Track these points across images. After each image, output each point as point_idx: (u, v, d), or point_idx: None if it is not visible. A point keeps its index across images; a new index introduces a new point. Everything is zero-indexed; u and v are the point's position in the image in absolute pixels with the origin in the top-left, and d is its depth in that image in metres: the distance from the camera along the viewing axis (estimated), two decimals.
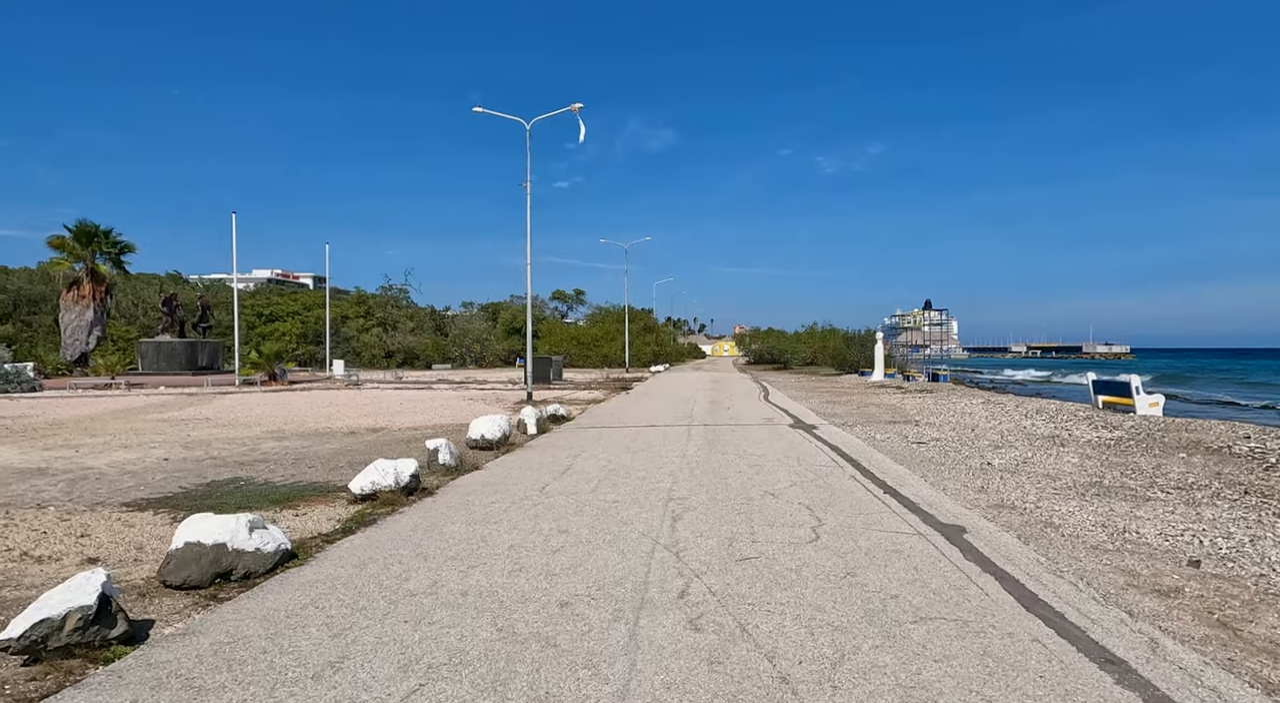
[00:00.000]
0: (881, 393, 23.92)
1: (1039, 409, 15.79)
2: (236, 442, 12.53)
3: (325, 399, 22.29)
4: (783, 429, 13.25)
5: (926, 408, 17.52)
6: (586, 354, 58.71)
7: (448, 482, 8.40)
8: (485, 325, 60.78)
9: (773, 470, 8.67)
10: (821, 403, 19.95)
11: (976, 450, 10.29)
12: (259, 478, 8.92)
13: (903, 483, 7.77)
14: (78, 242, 33.26)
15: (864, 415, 16.01)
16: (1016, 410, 16.20)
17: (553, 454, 10.47)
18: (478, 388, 28.32)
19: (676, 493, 7.39)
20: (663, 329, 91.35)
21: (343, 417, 16.94)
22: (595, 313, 77.43)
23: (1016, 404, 17.51)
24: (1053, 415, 14.46)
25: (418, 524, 6.21)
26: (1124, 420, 13.29)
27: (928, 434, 12.31)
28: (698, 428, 13.66)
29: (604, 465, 9.30)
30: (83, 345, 33.14)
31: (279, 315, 52.17)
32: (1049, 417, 14.28)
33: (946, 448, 10.58)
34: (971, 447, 10.67)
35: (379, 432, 14.04)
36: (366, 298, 59.26)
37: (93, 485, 8.53)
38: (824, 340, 53.64)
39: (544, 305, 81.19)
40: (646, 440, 11.81)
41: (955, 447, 10.72)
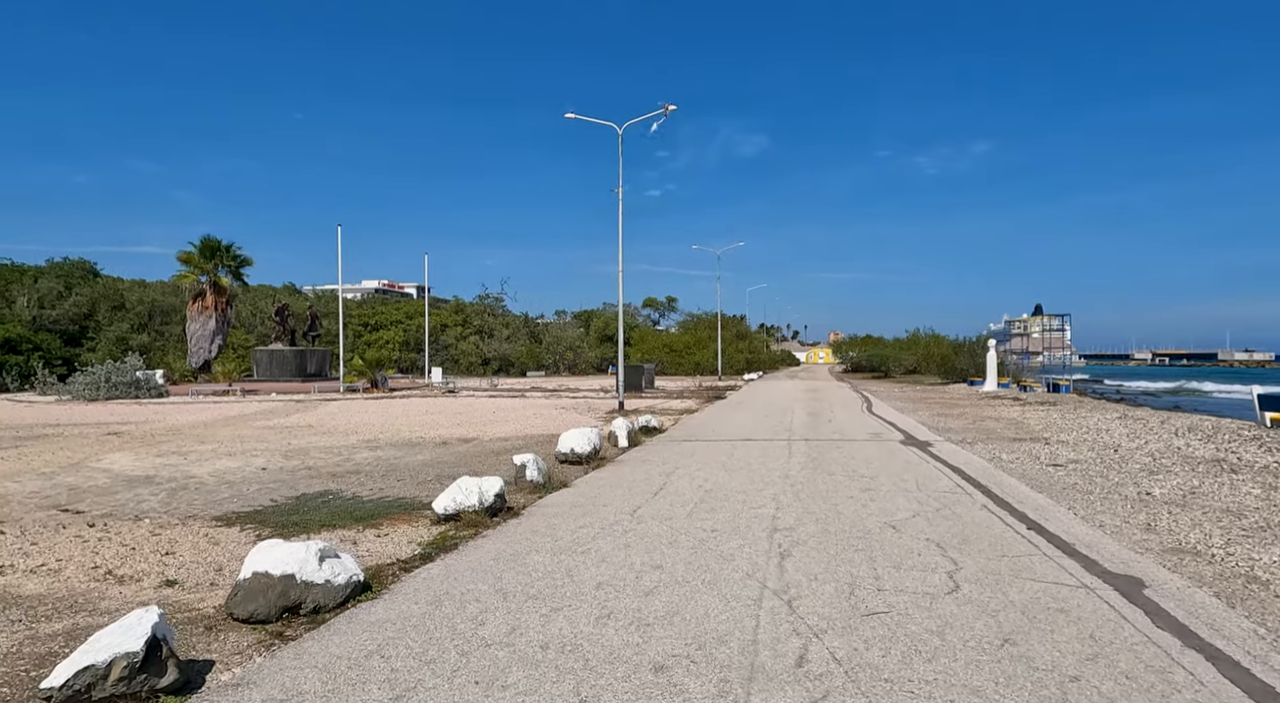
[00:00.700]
0: (998, 405, 22.13)
1: (1190, 426, 13.97)
2: (333, 451, 12.61)
3: (422, 407, 22.63)
4: (893, 446, 12.18)
5: (1053, 423, 15.90)
6: (678, 362, 58.16)
7: (535, 500, 7.95)
8: (578, 333, 61.27)
9: (889, 496, 7.75)
10: (932, 415, 18.54)
11: (1128, 476, 8.98)
12: (347, 492, 8.75)
13: (1047, 516, 6.71)
14: (202, 256, 35.48)
15: (983, 431, 14.64)
16: (1163, 427, 14.41)
17: (645, 471, 9.88)
18: (570, 396, 28.21)
19: (782, 521, 6.63)
20: (756, 336, 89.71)
21: (437, 425, 16.99)
22: (687, 320, 76.85)
23: (1161, 420, 15.63)
24: (1209, 434, 12.70)
25: (500, 552, 5.73)
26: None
27: (1063, 454, 10.98)
28: (799, 443, 12.77)
29: (700, 485, 8.63)
30: (206, 353, 35.28)
31: (383, 324, 54.28)
32: (1205, 436, 12.54)
33: (1089, 472, 9.30)
34: (1119, 471, 9.34)
35: (470, 442, 13.88)
36: (464, 307, 60.96)
37: (190, 496, 8.58)
38: (928, 347, 50.90)
39: (636, 313, 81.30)
40: (744, 457, 11.06)
41: (1099, 471, 9.42)
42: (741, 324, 79.53)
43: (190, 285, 36.37)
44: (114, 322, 42.18)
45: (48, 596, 4.96)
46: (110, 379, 25.07)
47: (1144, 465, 9.75)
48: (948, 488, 8.20)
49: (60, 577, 5.35)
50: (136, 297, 44.69)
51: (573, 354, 57.33)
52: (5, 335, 34.75)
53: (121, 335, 40.89)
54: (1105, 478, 8.86)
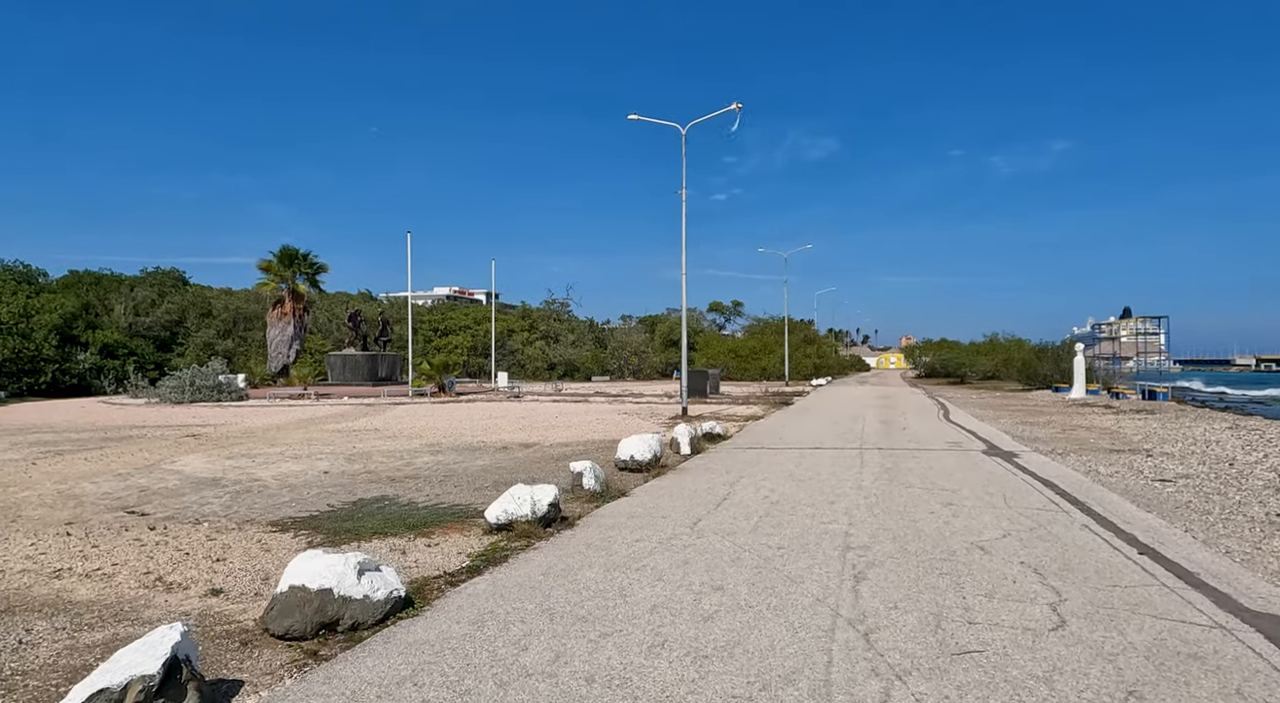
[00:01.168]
0: (1088, 413, 20.70)
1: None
2: (395, 455, 12.62)
3: (486, 411, 22.73)
4: (975, 456, 11.37)
5: (1154, 433, 14.65)
6: (744, 367, 57.27)
7: (591, 510, 7.62)
8: (643, 338, 61.12)
9: (974, 512, 7.09)
10: (1015, 424, 17.43)
11: (1250, 494, 8.03)
12: (403, 498, 8.62)
13: (1161, 539, 5.96)
14: (281, 264, 36.83)
15: (1074, 441, 13.58)
16: (1276, 436, 13.07)
17: (707, 480, 9.44)
18: (633, 401, 27.94)
19: (855, 539, 6.09)
20: (824, 341, 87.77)
21: (499, 430, 16.93)
22: (753, 325, 75.72)
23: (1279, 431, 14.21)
24: None
25: (550, 567, 5.40)
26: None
27: (1169, 468, 9.99)
28: (871, 452, 12.08)
29: (765, 497, 8.14)
30: (284, 358, 36.57)
31: (452, 329, 55.37)
32: None
33: (1203, 489, 8.37)
34: (1239, 489, 8.37)
35: (531, 448, 13.70)
36: (530, 312, 61.67)
37: (252, 499, 8.60)
38: (1008, 352, 48.58)
39: (701, 317, 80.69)
40: (813, 466, 10.48)
41: (1216, 487, 8.47)
42: (809, 328, 77.88)
43: (270, 293, 37.83)
44: (201, 328, 44.26)
45: (96, 602, 4.89)
46: (194, 383, 26.14)
47: (1268, 482, 8.73)
48: (1040, 504, 7.46)
49: (112, 583, 5.30)
50: (222, 304, 46.81)
51: (637, 359, 57.17)
52: (104, 341, 36.84)
53: (208, 341, 42.86)
54: (1224, 496, 7.94)
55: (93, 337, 36.57)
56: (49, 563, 5.80)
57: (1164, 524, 6.51)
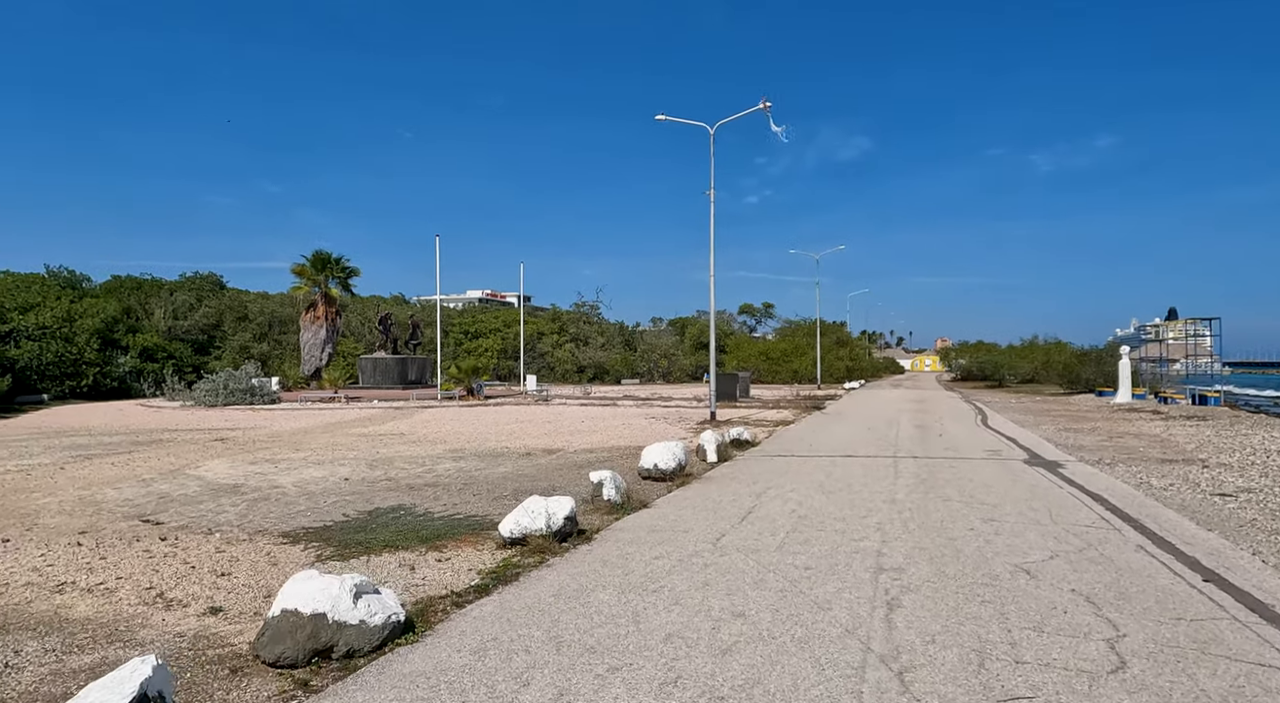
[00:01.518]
0: (1134, 419, 19.85)
1: None
2: (417, 461, 12.47)
3: (513, 415, 22.59)
4: (1016, 466, 10.84)
5: (1207, 441, 13.91)
6: (775, 370, 56.58)
7: (610, 522, 7.32)
8: (672, 340, 60.77)
9: (1017, 530, 6.64)
10: (1058, 430, 16.73)
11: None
12: (420, 507, 8.41)
13: (1227, 563, 5.47)
14: (314, 268, 37.26)
15: (1122, 449, 12.93)
16: None
17: (733, 490, 9.09)
18: (662, 405, 27.61)
19: (888, 560, 5.70)
20: (857, 343, 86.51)
21: (524, 435, 16.74)
22: (784, 327, 74.92)
23: None
24: None
25: (562, 587, 5.12)
26: None
27: (1229, 482, 9.37)
28: (906, 461, 11.60)
29: (793, 510, 7.76)
30: (317, 361, 36.97)
31: (482, 332, 55.63)
32: None
33: (1269, 505, 7.79)
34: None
35: (554, 454, 13.47)
36: (560, 315, 61.70)
37: (268, 508, 8.47)
38: (1048, 355, 47.23)
39: (731, 320, 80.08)
40: (844, 476, 10.06)
41: (1266, 503, 7.87)
42: (841, 331, 76.77)
43: (303, 296, 38.29)
44: (237, 331, 45.02)
45: (92, 620, 4.72)
46: (228, 386, 26.47)
47: None
48: (1090, 521, 6.98)
49: (113, 599, 5.14)
50: (258, 308, 47.58)
51: (667, 362, 56.82)
52: (143, 345, 37.62)
53: (244, 344, 43.56)
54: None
55: (133, 340, 37.36)
56: (54, 576, 5.68)
57: (1228, 546, 6.00)
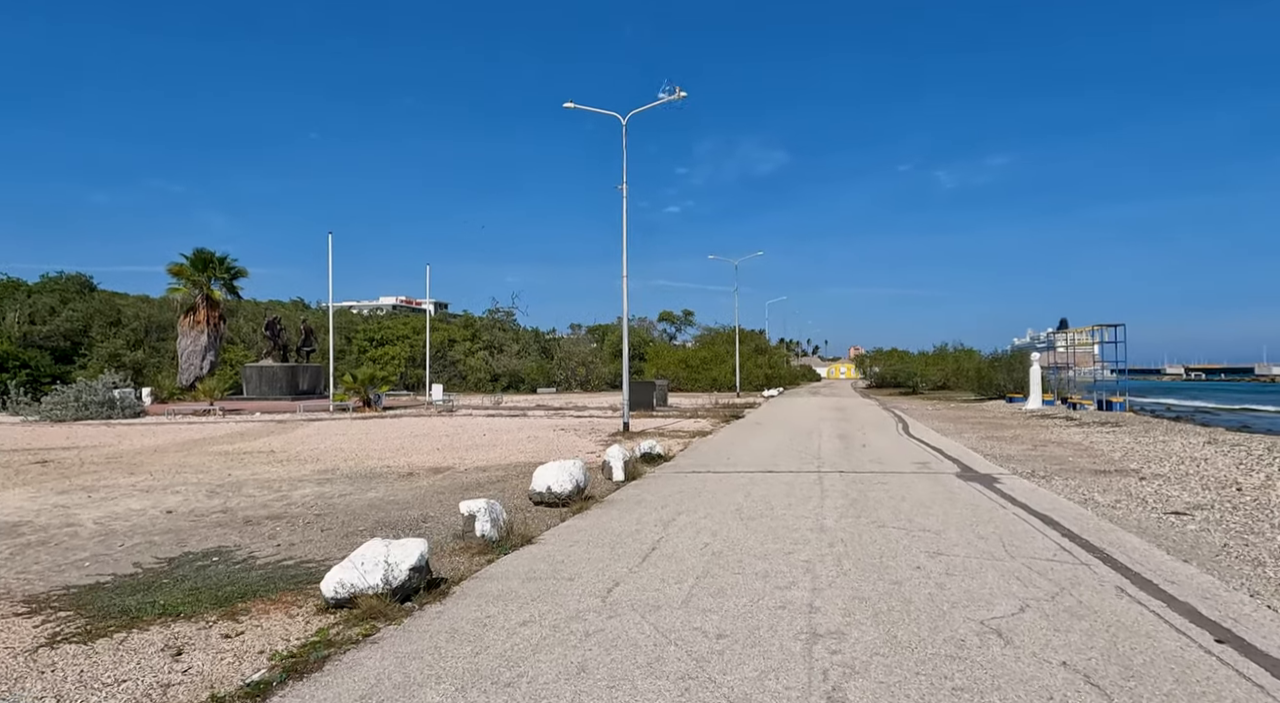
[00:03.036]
0: (1051, 426, 19.65)
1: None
2: (272, 486, 10.57)
3: (409, 428, 20.61)
4: (950, 482, 9.90)
5: (1131, 449, 13.48)
6: (694, 377, 55.90)
7: (480, 568, 5.82)
8: (591, 348, 59.32)
9: (971, 568, 5.51)
10: (981, 439, 16.17)
11: None
12: (244, 551, 6.66)
13: (1232, 613, 4.43)
14: (194, 268, 33.99)
15: (1051, 460, 12.27)
16: (1268, 454, 11.96)
17: (638, 518, 7.71)
18: (574, 415, 26.10)
19: (824, 619, 4.42)
20: (775, 351, 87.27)
21: (415, 451, 14.93)
22: (704, 334, 74.57)
23: (1266, 447, 13.13)
24: None
25: (378, 682, 3.59)
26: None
27: (1175, 497, 8.64)
28: (831, 476, 10.52)
29: (706, 544, 6.44)
30: (197, 370, 33.65)
31: (389, 339, 52.65)
32: None
33: (1229, 525, 6.98)
34: (1270, 523, 7.01)
35: (442, 473, 11.79)
36: (474, 321, 59.24)
37: (39, 555, 6.54)
38: (958, 362, 48.31)
39: (651, 327, 79.25)
40: (765, 497, 8.84)
41: (1242, 522, 7.09)
42: (761, 338, 77.11)
43: (182, 299, 34.89)
44: (108, 338, 40.76)
45: None
46: (80, 399, 23.34)
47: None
48: (1049, 552, 5.92)
49: None
50: (134, 312, 43.38)
51: (585, 370, 55.28)
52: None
53: (115, 352, 39.43)
54: (1261, 536, 6.54)
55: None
56: None
57: (1218, 585, 5.00)
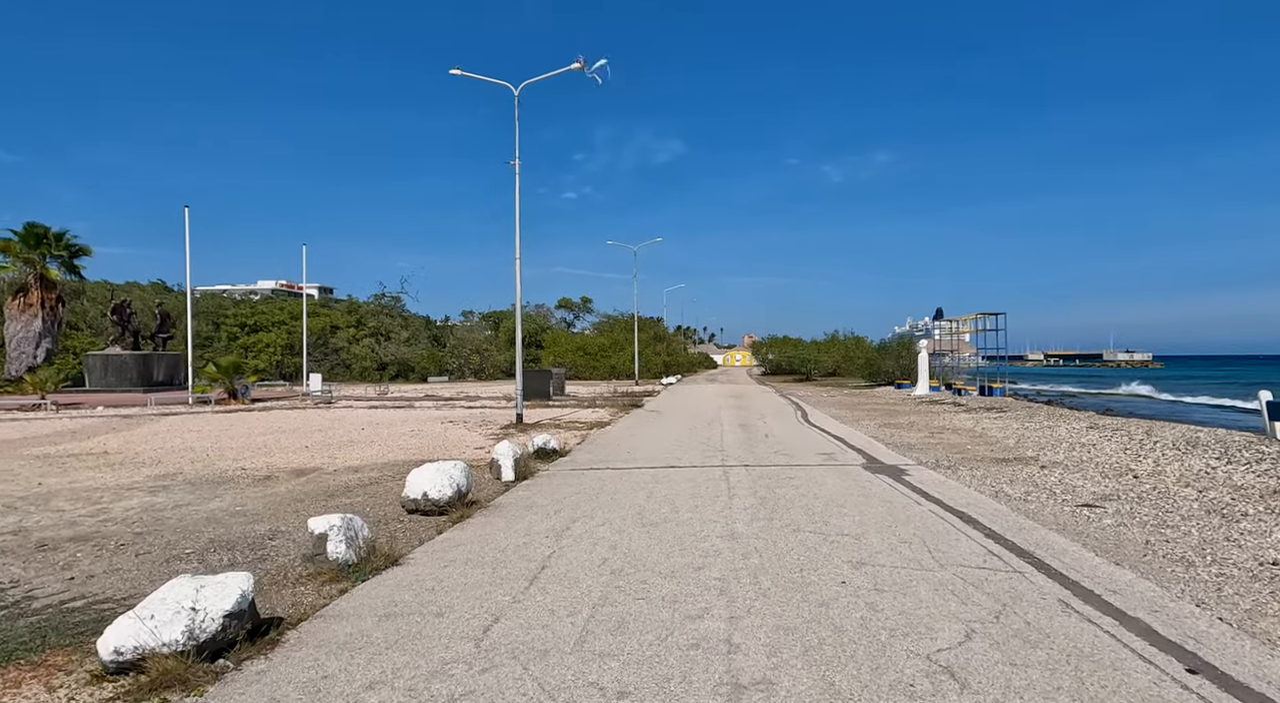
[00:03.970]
0: (942, 412, 20.07)
1: (1188, 440, 11.91)
2: (91, 496, 8.89)
3: (277, 423, 18.67)
4: (859, 474, 9.48)
5: (1023, 436, 13.68)
6: (593, 365, 55.08)
7: (329, 602, 4.73)
8: (486, 336, 57.29)
9: (901, 581, 4.91)
10: (879, 427, 16.14)
11: (1202, 524, 6.49)
12: (19, 589, 5.24)
13: (1189, 630, 3.99)
14: (25, 244, 29.90)
15: (950, 449, 12.20)
16: (1150, 438, 12.35)
17: (527, 527, 6.76)
18: (466, 406, 24.67)
19: (746, 663, 3.65)
20: (674, 338, 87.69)
21: (278, 449, 13.31)
22: (602, 322, 73.77)
23: (1145, 431, 13.61)
24: (1224, 452, 10.60)
25: None
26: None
27: (1080, 486, 8.52)
28: (737, 470, 9.92)
29: (604, 559, 5.58)
30: (30, 359, 29.70)
31: (264, 325, 48.74)
32: (1221, 454, 10.41)
33: (1143, 518, 6.78)
34: (1183, 516, 6.86)
35: (306, 475, 10.39)
36: (359, 306, 55.82)
37: None
38: (848, 350, 49.77)
39: (549, 314, 77.72)
40: (669, 496, 8.08)
41: (1155, 516, 6.92)
42: (659, 326, 77.14)
43: (10, 279, 30.70)
44: None
45: None
46: None
47: (1205, 504, 7.32)
48: (977, 558, 5.43)
49: None
50: None
51: (479, 358, 53.30)
52: None
53: None
54: (1177, 529, 6.33)
55: None
56: None
57: (1160, 592, 4.60)
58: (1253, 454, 10.11)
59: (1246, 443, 11.30)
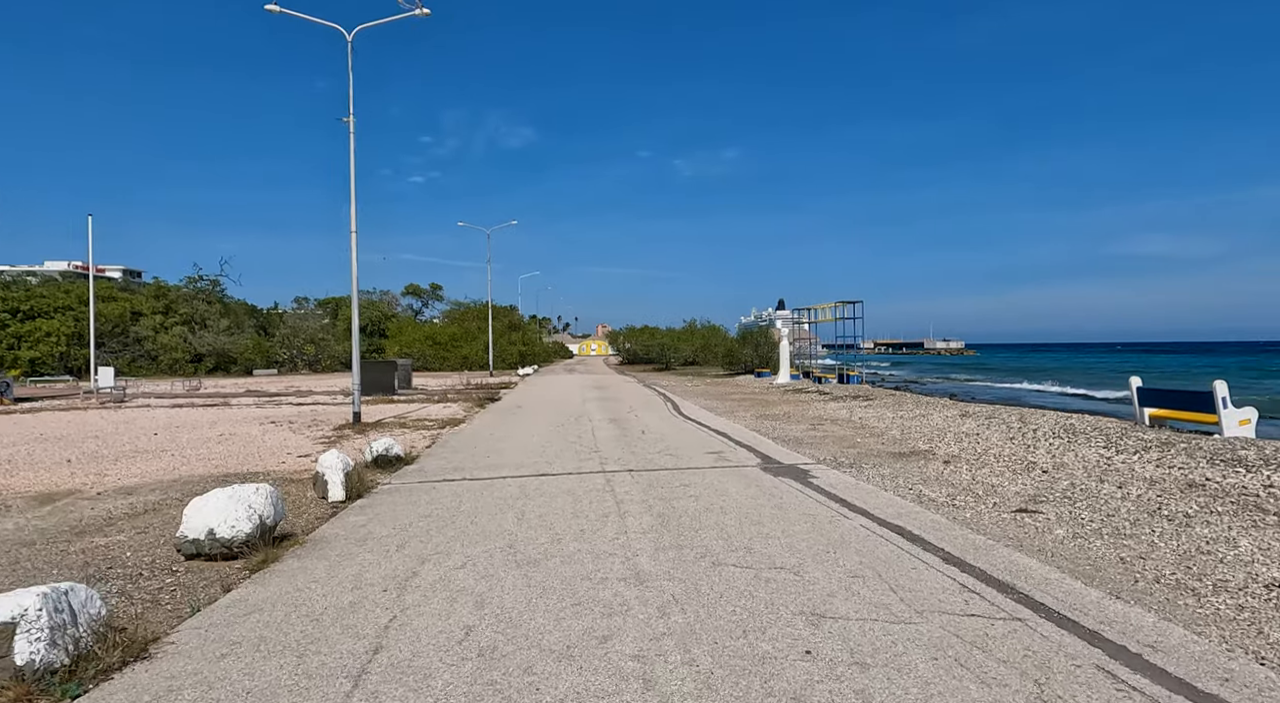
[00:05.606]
0: (811, 401, 19.75)
1: (1067, 428, 11.84)
2: None
3: (41, 427, 15.04)
4: (760, 478, 8.33)
5: (907, 427, 13.25)
6: (443, 356, 51.84)
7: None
8: (322, 324, 52.30)
9: (880, 647, 3.65)
10: (756, 419, 15.33)
11: (1165, 535, 5.81)
12: None
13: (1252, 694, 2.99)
14: None
15: (841, 443, 11.44)
16: (1025, 426, 12.25)
17: (356, 576, 4.93)
18: (295, 402, 21.59)
19: None
20: (529, 327, 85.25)
21: (28, 464, 10.31)
22: (454, 310, 70.02)
23: (1017, 418, 13.62)
24: (1110, 440, 10.48)
25: None
26: (1241, 450, 9.22)
27: (998, 485, 7.82)
28: (621, 477, 8.48)
29: (467, 630, 3.92)
30: None
31: (43, 311, 41.37)
32: (1108, 442, 10.26)
33: (1093, 525, 6.03)
34: (1121, 518, 6.20)
35: (56, 502, 7.79)
36: (167, 291, 48.90)
37: None
38: (706, 338, 50.02)
39: (395, 302, 72.70)
40: (545, 517, 6.48)
41: (1095, 518, 6.21)
42: (514, 314, 74.45)
43: None
44: None
45: None
46: None
47: (1140, 505, 6.74)
48: (956, 599, 4.30)
49: None
50: None
51: (314, 348, 48.49)
52: None
53: None
54: (1143, 542, 5.59)
55: None
56: None
57: (1205, 645, 3.62)
58: (1136, 442, 10.04)
59: (1123, 430, 11.38)
